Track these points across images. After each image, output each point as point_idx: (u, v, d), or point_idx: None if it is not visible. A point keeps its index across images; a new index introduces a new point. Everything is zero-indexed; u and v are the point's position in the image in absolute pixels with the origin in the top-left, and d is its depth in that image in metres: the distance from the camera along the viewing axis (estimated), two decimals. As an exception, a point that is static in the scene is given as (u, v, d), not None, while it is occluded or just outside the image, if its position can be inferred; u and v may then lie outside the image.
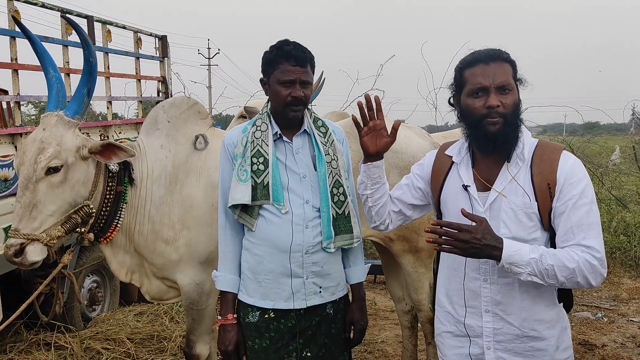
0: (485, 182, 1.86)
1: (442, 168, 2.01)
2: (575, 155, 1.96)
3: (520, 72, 1.87)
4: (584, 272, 1.71)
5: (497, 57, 1.82)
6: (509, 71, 1.82)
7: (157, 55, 5.91)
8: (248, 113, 4.39)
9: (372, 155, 2.02)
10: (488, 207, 1.84)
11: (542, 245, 1.79)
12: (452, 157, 1.98)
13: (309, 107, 2.18)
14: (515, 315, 1.83)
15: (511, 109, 1.79)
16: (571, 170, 1.78)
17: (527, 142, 1.85)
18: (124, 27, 5.37)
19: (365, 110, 2.00)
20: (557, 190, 1.78)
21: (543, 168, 1.80)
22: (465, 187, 1.89)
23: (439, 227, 1.74)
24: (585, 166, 1.95)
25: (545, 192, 1.78)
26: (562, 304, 1.89)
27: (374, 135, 2.00)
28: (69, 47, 4.35)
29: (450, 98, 1.96)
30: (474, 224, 1.74)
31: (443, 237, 1.73)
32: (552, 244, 1.83)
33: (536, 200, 1.79)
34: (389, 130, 2.01)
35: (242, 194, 2.05)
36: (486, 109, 1.78)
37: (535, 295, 1.82)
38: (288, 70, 2.03)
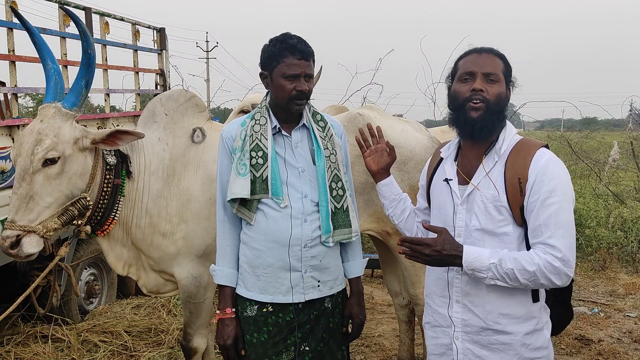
0: (464, 176, 1.92)
1: (433, 163, 2.10)
2: (573, 150, 1.97)
3: (515, 76, 1.91)
4: (545, 273, 1.72)
5: (490, 51, 1.90)
6: (500, 65, 1.87)
7: (155, 47, 5.89)
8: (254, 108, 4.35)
9: (375, 173, 2.23)
10: (465, 200, 1.90)
11: (514, 241, 1.82)
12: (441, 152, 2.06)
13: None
14: (481, 308, 1.87)
15: (495, 98, 1.83)
16: (544, 167, 1.78)
17: (508, 138, 1.88)
18: (122, 19, 5.35)
19: (369, 137, 2.27)
20: (528, 186, 1.79)
21: (516, 163, 1.83)
22: (447, 181, 1.95)
23: (405, 242, 1.84)
24: (582, 162, 1.94)
25: (515, 186, 1.80)
26: (540, 302, 1.87)
27: (376, 155, 2.23)
28: (66, 38, 4.33)
29: (449, 104, 1.99)
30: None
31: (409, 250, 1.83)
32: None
33: (506, 194, 1.81)
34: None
35: (241, 188, 2.04)
36: (470, 92, 1.83)
37: (503, 291, 1.83)
38: (294, 64, 2.03)
